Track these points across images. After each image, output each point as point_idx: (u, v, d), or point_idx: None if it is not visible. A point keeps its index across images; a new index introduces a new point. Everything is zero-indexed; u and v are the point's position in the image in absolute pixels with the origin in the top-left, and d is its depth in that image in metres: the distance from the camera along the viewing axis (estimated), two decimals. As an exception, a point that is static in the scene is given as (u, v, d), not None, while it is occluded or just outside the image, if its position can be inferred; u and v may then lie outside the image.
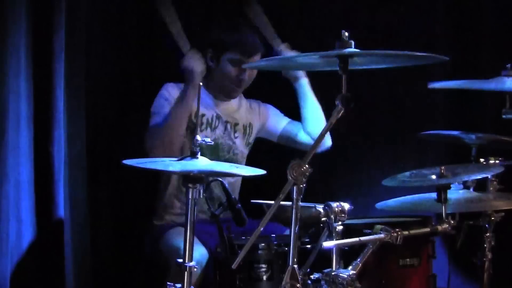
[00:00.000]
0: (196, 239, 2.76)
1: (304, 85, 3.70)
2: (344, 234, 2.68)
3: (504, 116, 3.15)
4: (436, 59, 2.66)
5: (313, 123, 3.68)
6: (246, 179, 3.69)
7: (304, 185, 2.40)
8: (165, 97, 3.55)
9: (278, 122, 3.80)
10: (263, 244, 2.88)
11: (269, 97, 3.87)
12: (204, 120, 3.58)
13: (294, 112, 3.80)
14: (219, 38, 3.55)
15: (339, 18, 4.09)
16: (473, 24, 4.14)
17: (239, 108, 3.73)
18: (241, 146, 3.70)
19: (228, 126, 3.66)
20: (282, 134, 3.78)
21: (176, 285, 2.63)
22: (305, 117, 3.71)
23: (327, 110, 3.70)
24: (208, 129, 3.61)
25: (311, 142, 3.65)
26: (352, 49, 2.50)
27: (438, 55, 2.62)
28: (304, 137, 3.72)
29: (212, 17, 4.02)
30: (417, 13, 4.20)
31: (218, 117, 3.63)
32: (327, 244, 2.63)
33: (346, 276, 2.59)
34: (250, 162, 3.66)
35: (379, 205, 3.14)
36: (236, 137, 3.68)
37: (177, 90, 3.55)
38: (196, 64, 3.47)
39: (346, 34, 2.51)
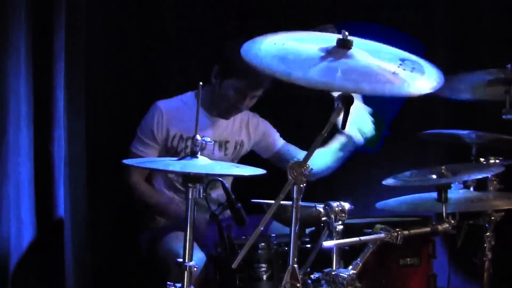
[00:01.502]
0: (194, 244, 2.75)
1: (343, 143, 3.65)
2: (344, 234, 2.68)
3: (504, 117, 3.15)
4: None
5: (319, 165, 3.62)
6: (246, 179, 3.68)
7: (304, 184, 2.40)
8: (151, 129, 3.53)
9: (274, 142, 3.79)
10: (263, 244, 2.88)
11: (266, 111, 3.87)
12: (189, 143, 3.47)
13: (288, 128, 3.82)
14: (229, 61, 3.42)
15: (337, 15, 4.09)
16: (473, 24, 4.14)
17: (233, 124, 3.69)
18: (230, 162, 3.68)
19: (217, 145, 3.63)
20: (276, 154, 3.78)
21: (176, 285, 2.63)
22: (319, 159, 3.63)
23: (327, 110, 3.70)
24: None
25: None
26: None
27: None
28: None
29: (228, 33, 4.00)
30: (416, 13, 4.20)
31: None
32: (327, 243, 2.63)
33: (346, 275, 2.59)
34: (250, 162, 3.66)
35: (379, 204, 3.14)
36: (226, 155, 3.66)
37: (164, 113, 3.54)
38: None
39: (347, 33, 2.50)
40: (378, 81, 2.40)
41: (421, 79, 2.43)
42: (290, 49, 2.48)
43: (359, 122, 3.58)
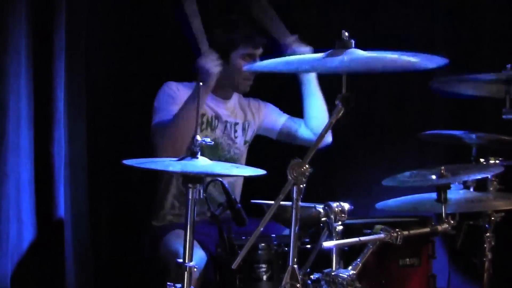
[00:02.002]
0: (195, 242, 2.75)
1: (311, 80, 3.70)
2: (344, 234, 2.68)
3: (504, 116, 3.15)
4: (436, 61, 2.64)
5: (317, 120, 3.67)
6: (246, 179, 3.69)
7: (304, 185, 2.40)
8: (169, 94, 3.53)
9: (277, 118, 3.81)
10: (263, 244, 2.88)
11: (267, 94, 3.87)
12: (204, 119, 3.58)
13: (293, 109, 3.80)
14: (225, 39, 3.57)
15: (338, 18, 4.09)
16: (473, 24, 4.14)
17: (238, 107, 3.73)
18: (241, 145, 3.70)
19: (228, 125, 3.67)
20: (282, 131, 3.79)
21: (176, 285, 2.63)
22: (309, 113, 3.71)
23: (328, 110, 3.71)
24: (208, 128, 3.61)
25: (313, 137, 3.65)
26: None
27: (437, 56, 2.61)
28: (305, 133, 3.73)
29: (210, 21, 4.02)
30: (417, 14, 4.20)
31: (217, 117, 3.63)
32: (327, 244, 2.63)
33: (346, 276, 2.59)
34: (250, 162, 3.66)
35: (379, 205, 3.15)
36: (236, 137, 3.68)
37: (179, 88, 3.55)
38: (213, 65, 3.45)
39: (346, 34, 2.50)
40: (386, 60, 2.50)
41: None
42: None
43: None
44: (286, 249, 2.81)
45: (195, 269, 2.64)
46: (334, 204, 2.67)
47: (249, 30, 3.62)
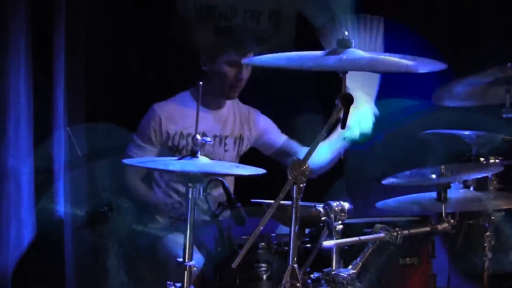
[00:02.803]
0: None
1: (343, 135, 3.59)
2: (344, 233, 2.68)
3: (504, 115, 3.15)
4: (434, 64, 2.63)
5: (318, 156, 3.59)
6: (246, 179, 3.68)
7: (304, 184, 2.40)
8: (147, 132, 3.51)
9: (277, 137, 3.78)
10: (263, 244, 2.87)
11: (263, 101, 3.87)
12: (190, 140, 3.42)
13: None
14: (213, 43, 3.56)
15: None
16: (473, 24, 4.14)
17: (231, 117, 3.70)
18: (232, 158, 3.66)
19: (217, 140, 3.63)
20: (277, 151, 3.77)
21: (176, 284, 2.63)
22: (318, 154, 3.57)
23: (327, 110, 3.70)
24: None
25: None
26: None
27: (436, 61, 2.60)
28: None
29: (201, 23, 4.03)
30: (417, 13, 4.20)
31: (204, 134, 3.58)
32: (327, 243, 2.63)
33: (346, 275, 2.59)
34: (250, 162, 3.66)
35: (379, 204, 3.14)
36: (226, 150, 3.65)
37: (164, 110, 3.53)
38: None
39: (346, 33, 2.50)
40: (387, 62, 2.50)
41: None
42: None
43: (361, 118, 3.54)
44: (286, 248, 2.81)
45: (195, 269, 2.64)
46: (334, 203, 2.67)
47: (238, 36, 3.59)
